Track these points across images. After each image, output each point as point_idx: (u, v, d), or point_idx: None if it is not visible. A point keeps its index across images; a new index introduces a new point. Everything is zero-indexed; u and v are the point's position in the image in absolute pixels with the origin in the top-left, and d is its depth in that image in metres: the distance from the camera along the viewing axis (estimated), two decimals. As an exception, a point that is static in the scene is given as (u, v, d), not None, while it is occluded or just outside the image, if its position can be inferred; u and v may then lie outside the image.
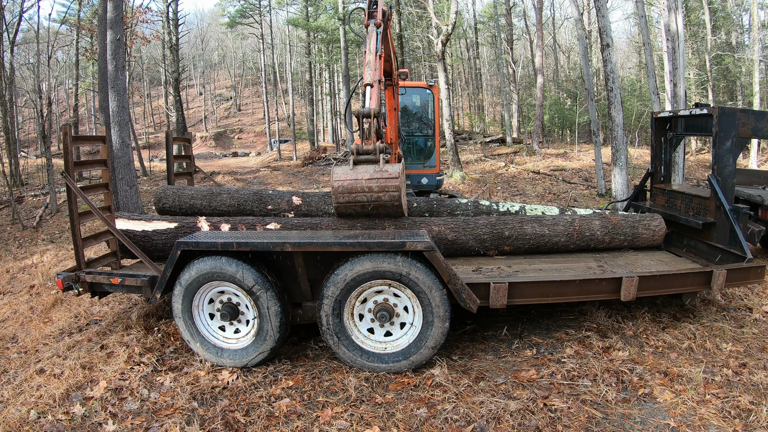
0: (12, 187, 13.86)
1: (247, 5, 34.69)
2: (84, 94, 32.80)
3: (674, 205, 5.48)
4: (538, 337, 4.22)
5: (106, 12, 8.75)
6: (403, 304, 3.62)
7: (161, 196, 5.32)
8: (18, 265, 7.80)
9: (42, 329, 4.75)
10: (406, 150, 8.98)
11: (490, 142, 24.56)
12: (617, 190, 10.28)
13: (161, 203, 5.30)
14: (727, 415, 3.03)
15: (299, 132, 39.59)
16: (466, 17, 33.72)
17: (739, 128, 4.67)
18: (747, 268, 4.24)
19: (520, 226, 4.87)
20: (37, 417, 3.14)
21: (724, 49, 22.82)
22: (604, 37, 10.18)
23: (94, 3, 20.87)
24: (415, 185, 8.77)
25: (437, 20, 16.39)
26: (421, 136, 9.19)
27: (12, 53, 17.45)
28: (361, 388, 3.42)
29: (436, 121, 9.08)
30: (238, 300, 3.71)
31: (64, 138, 3.89)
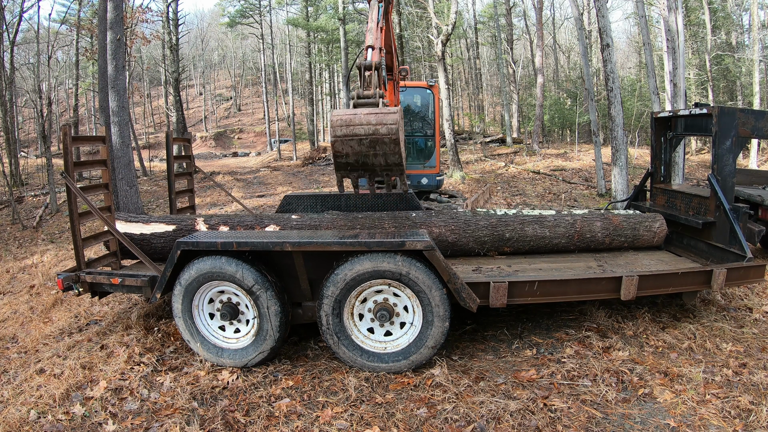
0: (12, 187, 13.87)
1: (247, 5, 34.70)
2: (84, 94, 32.82)
3: (674, 204, 5.48)
4: (538, 337, 4.22)
5: (106, 12, 8.75)
6: (403, 303, 3.62)
7: None
8: (18, 265, 7.80)
9: (42, 329, 4.75)
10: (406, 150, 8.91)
11: (490, 142, 24.57)
12: (617, 190, 10.28)
13: None
14: (727, 415, 3.03)
15: (299, 132, 39.59)
16: (466, 17, 33.75)
17: (739, 128, 4.67)
18: (747, 267, 4.24)
19: (521, 227, 4.86)
20: (37, 417, 3.14)
21: (724, 49, 22.82)
22: (604, 37, 10.19)
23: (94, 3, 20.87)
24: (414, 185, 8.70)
25: (437, 20, 16.39)
26: (421, 136, 9.14)
27: (12, 53, 17.45)
28: (361, 388, 3.42)
29: (436, 121, 9.03)
30: (238, 300, 3.71)
31: (64, 138, 3.89)
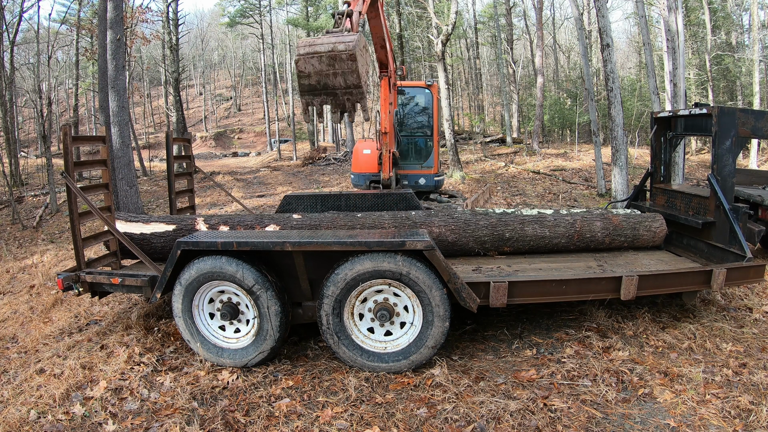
0: (12, 187, 13.87)
1: (247, 5, 34.71)
2: (84, 94, 32.80)
3: (674, 204, 5.48)
4: (538, 337, 4.22)
5: (106, 12, 8.76)
6: (403, 303, 3.62)
7: None
8: (18, 265, 7.80)
9: (42, 329, 4.75)
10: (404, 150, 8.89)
11: (490, 142, 24.55)
12: (617, 190, 10.28)
13: None
14: (727, 415, 3.03)
15: (299, 132, 39.55)
16: (466, 17, 33.74)
17: (739, 128, 4.66)
18: (747, 267, 4.24)
19: (521, 227, 4.86)
20: (37, 417, 3.14)
21: (724, 49, 22.82)
22: (604, 37, 10.18)
23: (94, 3, 20.87)
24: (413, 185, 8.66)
25: (437, 20, 16.39)
26: (421, 136, 9.09)
27: (12, 53, 17.45)
28: (361, 388, 3.42)
29: (434, 121, 8.99)
30: (238, 299, 3.71)
31: (64, 138, 3.89)
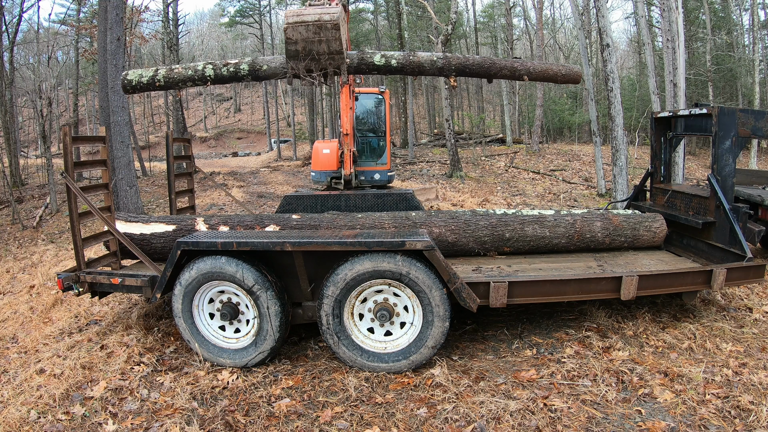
0: (12, 187, 13.86)
1: (247, 5, 34.70)
2: (84, 94, 32.80)
3: (674, 204, 5.48)
4: (538, 337, 4.22)
5: (106, 12, 8.76)
6: (403, 303, 3.62)
7: None
8: (18, 265, 7.80)
9: (42, 329, 4.75)
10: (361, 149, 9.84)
11: (490, 142, 24.56)
12: (617, 190, 10.28)
13: None
14: (727, 415, 3.03)
15: (299, 132, 39.53)
16: (466, 17, 33.74)
17: (739, 128, 4.67)
18: (747, 267, 4.24)
19: (521, 227, 4.86)
20: (37, 417, 3.14)
21: (724, 49, 22.81)
22: (604, 37, 10.18)
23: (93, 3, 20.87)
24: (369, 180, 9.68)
25: (437, 20, 16.39)
26: (374, 137, 10.16)
27: (12, 53, 17.45)
28: (361, 388, 3.42)
29: (387, 124, 10.07)
30: (238, 300, 3.71)
31: (64, 138, 3.89)
